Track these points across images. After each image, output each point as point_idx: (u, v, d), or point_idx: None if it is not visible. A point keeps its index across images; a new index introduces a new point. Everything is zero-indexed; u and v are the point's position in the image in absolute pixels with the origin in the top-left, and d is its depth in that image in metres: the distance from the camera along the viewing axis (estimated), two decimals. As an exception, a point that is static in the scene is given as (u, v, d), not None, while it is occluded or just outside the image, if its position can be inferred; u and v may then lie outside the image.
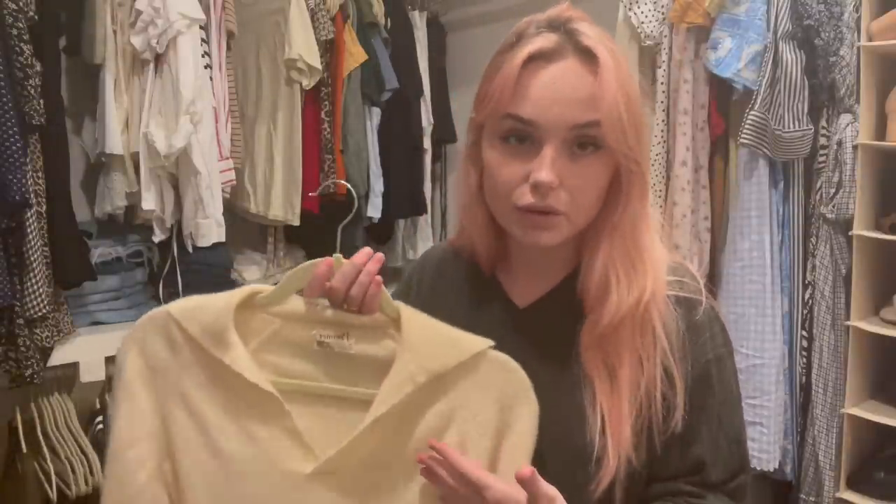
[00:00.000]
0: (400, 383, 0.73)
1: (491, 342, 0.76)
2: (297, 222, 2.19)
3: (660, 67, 2.01)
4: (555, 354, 0.81)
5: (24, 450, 1.74)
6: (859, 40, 1.74)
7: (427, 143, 2.61)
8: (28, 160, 1.59)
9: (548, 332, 0.83)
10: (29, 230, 1.60)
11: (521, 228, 0.78)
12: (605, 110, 0.73)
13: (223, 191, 2.00)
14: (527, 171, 0.75)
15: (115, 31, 1.85)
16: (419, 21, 2.61)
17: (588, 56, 0.74)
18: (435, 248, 1.00)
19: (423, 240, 2.71)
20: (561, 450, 0.78)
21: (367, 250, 0.78)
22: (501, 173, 0.77)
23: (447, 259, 0.95)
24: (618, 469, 0.75)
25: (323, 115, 2.22)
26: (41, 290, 1.62)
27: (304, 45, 2.09)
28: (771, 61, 1.79)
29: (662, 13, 2.00)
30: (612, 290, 0.77)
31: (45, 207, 1.67)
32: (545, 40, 0.75)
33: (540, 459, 0.79)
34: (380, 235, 2.61)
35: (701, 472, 0.78)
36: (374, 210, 2.39)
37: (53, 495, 1.71)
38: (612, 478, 0.75)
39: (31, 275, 1.61)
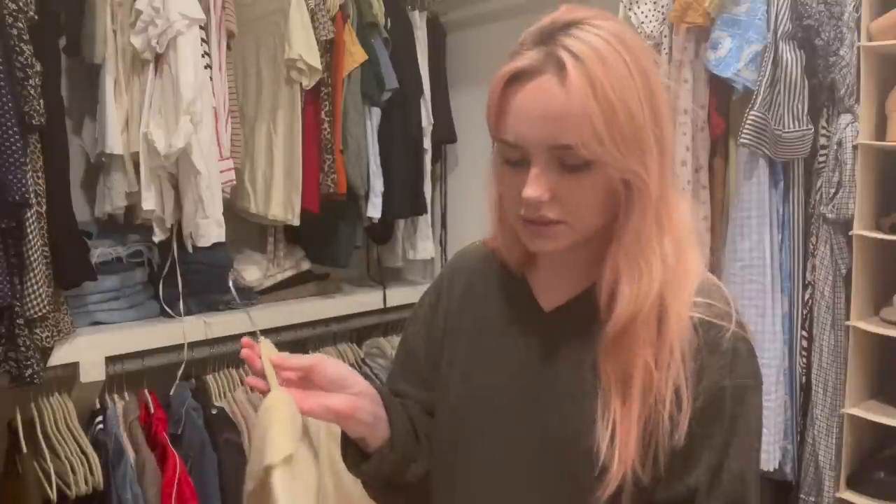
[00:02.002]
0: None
1: (282, 457, 0.76)
2: (296, 222, 2.19)
3: (660, 68, 2.01)
4: (574, 360, 0.81)
5: (24, 450, 1.74)
6: (859, 40, 1.74)
7: (427, 143, 2.61)
8: (28, 160, 1.59)
9: (569, 337, 0.83)
10: (29, 230, 1.60)
11: (526, 237, 0.80)
12: (574, 129, 0.71)
13: (223, 191, 2.00)
14: (521, 186, 0.76)
15: (115, 31, 1.85)
16: (419, 21, 2.61)
17: (563, 69, 0.72)
18: (470, 248, 1.01)
19: (423, 240, 2.71)
20: (569, 455, 0.79)
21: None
22: (504, 188, 0.80)
23: (482, 258, 0.96)
24: (623, 479, 0.74)
25: (323, 115, 2.22)
26: (41, 290, 1.62)
27: (304, 45, 2.09)
28: (771, 61, 1.79)
29: (662, 13, 2.00)
30: (617, 300, 0.77)
31: (45, 207, 1.67)
32: (524, 58, 0.74)
33: (548, 462, 0.80)
34: (380, 235, 2.61)
35: (692, 500, 0.76)
36: (374, 210, 2.39)
37: (53, 495, 1.71)
38: (618, 487, 0.75)
39: (31, 275, 1.61)
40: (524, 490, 0.83)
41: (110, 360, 1.86)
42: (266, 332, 2.20)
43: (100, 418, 1.87)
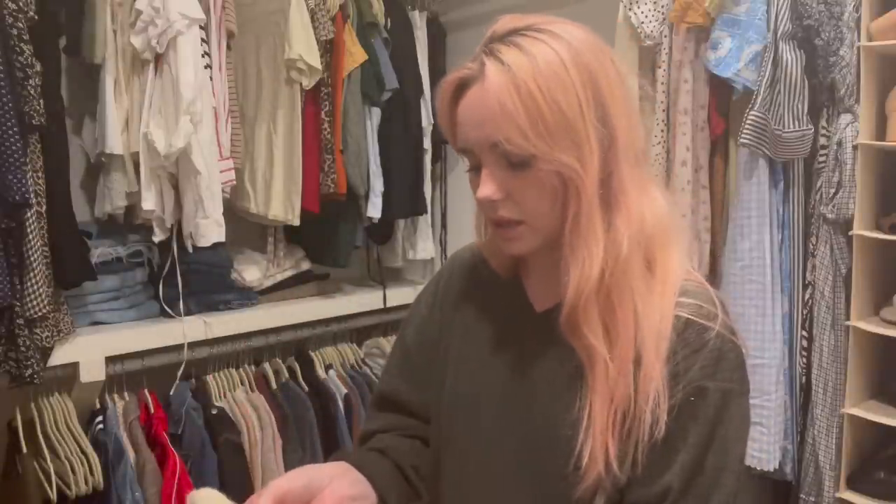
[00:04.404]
0: None
1: None
2: (296, 222, 2.19)
3: (660, 68, 2.01)
4: (561, 362, 0.82)
5: (24, 450, 1.74)
6: (859, 40, 1.74)
7: (427, 143, 2.61)
8: (28, 160, 1.59)
9: (558, 340, 0.82)
10: (29, 230, 1.60)
11: (498, 240, 0.83)
12: (500, 126, 0.74)
13: (223, 191, 2.00)
14: None
15: (115, 31, 1.85)
16: (419, 21, 2.61)
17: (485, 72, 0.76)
18: (466, 248, 1.02)
19: (423, 240, 2.71)
20: (553, 454, 0.79)
21: None
22: (474, 193, 0.82)
23: (479, 258, 0.97)
24: (599, 476, 0.75)
25: (323, 115, 2.22)
26: (41, 290, 1.62)
27: (304, 45, 2.09)
28: (771, 61, 1.79)
29: (662, 13, 2.00)
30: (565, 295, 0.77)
31: (45, 207, 1.67)
32: (464, 70, 0.78)
33: (533, 460, 0.82)
34: (380, 235, 2.61)
35: (665, 499, 0.75)
36: (374, 210, 2.39)
37: (53, 495, 1.71)
38: (595, 484, 0.75)
39: (31, 275, 1.61)
40: (511, 489, 0.84)
41: (110, 360, 1.87)
42: (266, 332, 2.21)
43: (100, 418, 1.87)
